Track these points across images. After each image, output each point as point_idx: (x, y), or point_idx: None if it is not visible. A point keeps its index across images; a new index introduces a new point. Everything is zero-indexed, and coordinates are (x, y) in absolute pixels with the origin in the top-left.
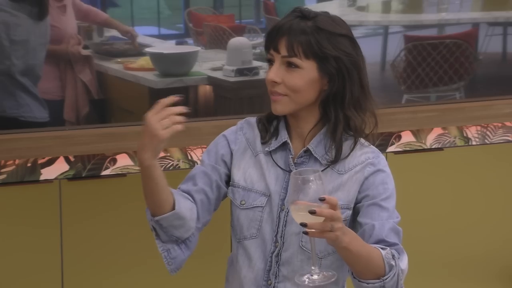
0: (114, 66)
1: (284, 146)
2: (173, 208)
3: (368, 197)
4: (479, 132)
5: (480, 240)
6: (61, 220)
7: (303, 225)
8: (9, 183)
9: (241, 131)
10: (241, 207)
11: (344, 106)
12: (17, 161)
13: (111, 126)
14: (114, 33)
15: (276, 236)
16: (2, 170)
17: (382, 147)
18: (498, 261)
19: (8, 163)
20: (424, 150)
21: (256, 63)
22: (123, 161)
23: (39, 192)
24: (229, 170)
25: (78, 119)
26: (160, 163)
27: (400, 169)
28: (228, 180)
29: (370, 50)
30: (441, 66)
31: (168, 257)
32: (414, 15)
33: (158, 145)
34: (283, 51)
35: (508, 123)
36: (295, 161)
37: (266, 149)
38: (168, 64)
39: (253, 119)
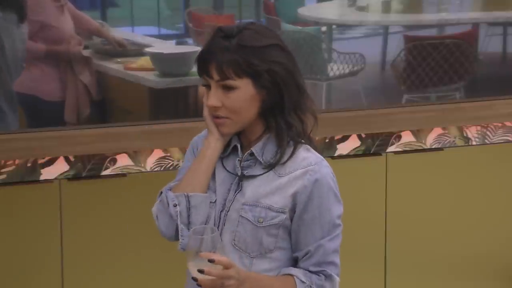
0: (114, 66)
1: (234, 150)
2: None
3: (303, 220)
4: (479, 132)
5: (480, 240)
6: (61, 220)
7: (195, 279)
8: (9, 183)
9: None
10: None
11: (284, 113)
12: (17, 161)
13: (111, 126)
14: (114, 33)
15: None
16: (2, 170)
17: (382, 147)
18: (498, 261)
19: (8, 163)
20: (424, 150)
21: None
22: (123, 161)
23: (39, 192)
24: None
25: (79, 120)
26: (160, 163)
27: (400, 169)
28: None
29: (370, 50)
30: (441, 66)
31: (183, 235)
32: (414, 15)
33: None
34: (215, 76)
35: (508, 123)
36: (242, 164)
37: (221, 155)
38: (168, 64)
39: None
